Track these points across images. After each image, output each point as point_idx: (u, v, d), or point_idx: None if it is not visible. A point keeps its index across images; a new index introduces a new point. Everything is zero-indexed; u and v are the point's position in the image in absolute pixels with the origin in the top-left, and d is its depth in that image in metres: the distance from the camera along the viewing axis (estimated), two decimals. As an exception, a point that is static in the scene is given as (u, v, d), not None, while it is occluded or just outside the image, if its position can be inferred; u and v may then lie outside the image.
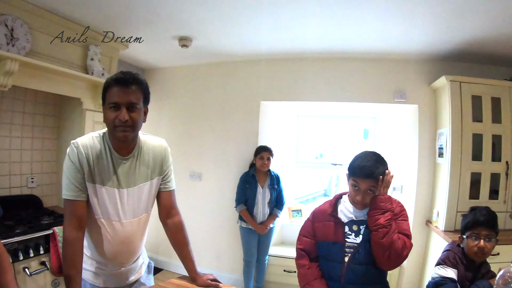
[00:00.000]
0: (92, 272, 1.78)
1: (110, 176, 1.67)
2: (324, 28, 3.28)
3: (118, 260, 1.79)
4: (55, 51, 3.09)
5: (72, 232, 1.59)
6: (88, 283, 1.77)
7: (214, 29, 3.38)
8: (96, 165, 1.64)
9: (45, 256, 2.72)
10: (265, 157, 3.90)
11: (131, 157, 1.75)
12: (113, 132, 1.62)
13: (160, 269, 4.74)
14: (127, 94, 1.60)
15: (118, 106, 1.58)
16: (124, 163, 1.72)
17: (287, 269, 4.11)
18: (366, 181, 1.85)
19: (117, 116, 1.58)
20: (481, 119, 3.51)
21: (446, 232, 3.38)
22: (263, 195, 3.94)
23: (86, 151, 1.63)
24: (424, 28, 3.16)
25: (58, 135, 3.64)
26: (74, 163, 1.60)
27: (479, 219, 1.95)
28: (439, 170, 3.82)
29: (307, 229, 2.12)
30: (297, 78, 4.27)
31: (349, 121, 5.08)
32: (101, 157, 1.66)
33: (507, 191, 3.52)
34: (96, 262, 1.77)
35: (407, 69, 4.04)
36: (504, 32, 3.10)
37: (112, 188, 1.68)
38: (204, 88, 4.63)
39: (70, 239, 1.58)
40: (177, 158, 4.69)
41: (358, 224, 1.94)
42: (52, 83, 3.01)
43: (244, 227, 3.96)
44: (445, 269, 1.92)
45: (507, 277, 1.49)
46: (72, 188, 1.60)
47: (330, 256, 1.97)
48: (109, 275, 1.80)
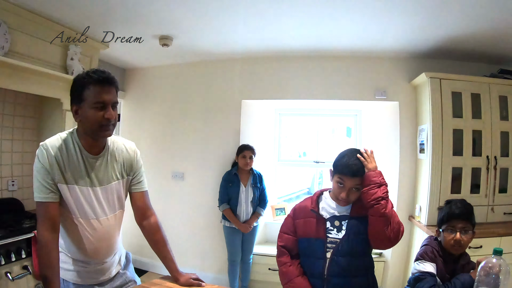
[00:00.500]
0: (74, 272, 1.77)
1: (83, 175, 1.69)
2: (303, 26, 3.30)
3: (99, 256, 1.80)
4: (34, 51, 3.03)
5: (46, 233, 1.59)
6: (71, 283, 1.77)
7: (194, 27, 3.37)
8: (67, 165, 1.65)
9: (28, 260, 2.68)
10: (248, 156, 3.89)
11: (101, 155, 1.76)
12: (98, 131, 1.64)
13: (144, 271, 4.69)
14: (111, 94, 1.64)
15: (105, 105, 1.61)
16: (95, 162, 1.73)
17: (272, 268, 4.12)
18: (352, 180, 1.85)
19: (104, 115, 1.60)
20: (461, 115, 3.57)
21: (429, 227, 3.42)
22: (246, 194, 3.94)
23: (56, 152, 1.63)
24: (403, 26, 3.20)
25: (38, 137, 3.56)
26: (44, 165, 1.60)
27: (454, 212, 1.96)
28: (420, 166, 3.87)
29: (288, 226, 2.11)
30: (278, 77, 4.28)
31: (331, 119, 5.11)
32: (72, 157, 1.67)
33: (488, 185, 3.59)
34: (78, 261, 1.77)
35: (388, 66, 4.09)
36: (482, 30, 3.16)
37: (86, 187, 1.70)
38: (186, 88, 4.62)
39: (44, 240, 1.58)
40: (159, 158, 4.70)
41: (340, 219, 1.93)
42: (31, 83, 2.95)
43: (228, 227, 3.95)
44: (423, 264, 1.93)
45: (488, 268, 1.51)
46: (44, 190, 1.60)
47: (311, 252, 1.97)
48: (91, 272, 1.81)
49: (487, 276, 1.50)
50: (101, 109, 1.60)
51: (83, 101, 1.61)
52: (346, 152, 1.98)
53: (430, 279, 1.85)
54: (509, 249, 3.05)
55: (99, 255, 1.80)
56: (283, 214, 4.69)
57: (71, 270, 1.77)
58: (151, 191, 4.63)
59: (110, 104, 1.62)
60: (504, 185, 3.66)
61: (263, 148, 4.65)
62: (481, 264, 1.54)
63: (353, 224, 1.90)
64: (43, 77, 3.03)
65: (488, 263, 1.52)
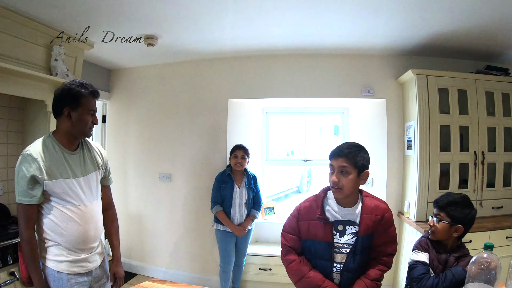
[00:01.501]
0: (68, 262, 1.97)
1: (65, 169, 1.97)
2: (290, 24, 3.29)
3: (88, 240, 2.05)
4: (17, 52, 2.96)
5: (29, 232, 1.88)
6: (64, 274, 1.96)
7: (179, 26, 3.33)
8: (50, 163, 1.90)
9: (15, 266, 2.63)
10: (239, 156, 3.80)
11: (78, 151, 2.10)
12: (86, 132, 2.07)
13: (134, 274, 4.65)
14: (96, 105, 2.11)
15: (94, 113, 2.07)
16: (74, 156, 2.05)
17: (262, 267, 4.11)
18: (338, 160, 1.90)
19: (92, 120, 2.06)
20: (448, 111, 3.60)
21: (418, 223, 3.45)
22: (240, 195, 3.83)
23: (37, 156, 1.87)
24: (390, 23, 3.21)
25: (23, 140, 3.49)
26: (29, 172, 1.82)
27: (436, 200, 2.17)
28: (408, 162, 3.89)
29: (292, 226, 2.09)
30: (265, 75, 4.27)
31: (319, 118, 5.13)
32: (53, 155, 1.94)
33: (476, 180, 3.63)
34: (71, 250, 1.99)
35: (374, 64, 4.12)
36: (468, 26, 3.19)
37: (70, 179, 1.97)
38: (172, 88, 4.58)
39: (29, 239, 1.87)
40: (146, 160, 4.67)
41: (343, 224, 1.97)
42: (15, 85, 2.88)
43: (221, 230, 3.82)
44: (417, 253, 2.08)
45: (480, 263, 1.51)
46: (28, 194, 1.84)
47: (316, 253, 2.01)
48: (82, 261, 2.03)
49: (478, 271, 1.51)
50: (92, 115, 2.04)
51: (80, 107, 1.97)
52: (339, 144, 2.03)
53: (421, 267, 2.00)
54: (498, 243, 3.09)
55: (88, 238, 2.05)
56: (271, 213, 4.68)
57: (64, 261, 1.96)
58: (139, 193, 4.66)
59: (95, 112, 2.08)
60: (492, 180, 3.71)
61: (251, 147, 4.61)
62: (473, 259, 1.55)
63: (360, 241, 1.95)
64: (27, 79, 2.96)
65: (480, 258, 1.52)
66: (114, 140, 4.85)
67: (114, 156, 4.83)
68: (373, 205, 1.98)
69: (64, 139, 2.00)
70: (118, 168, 4.80)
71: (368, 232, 1.94)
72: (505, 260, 1.64)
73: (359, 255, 1.94)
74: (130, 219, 4.74)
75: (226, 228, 3.78)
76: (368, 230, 1.93)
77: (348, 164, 1.88)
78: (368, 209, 1.96)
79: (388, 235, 2.02)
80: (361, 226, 1.93)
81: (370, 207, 1.97)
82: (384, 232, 1.99)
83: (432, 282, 1.90)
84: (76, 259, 2.00)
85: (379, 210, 1.97)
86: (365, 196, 2.03)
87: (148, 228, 4.66)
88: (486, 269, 1.50)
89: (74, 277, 1.99)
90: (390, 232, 2.03)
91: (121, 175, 4.79)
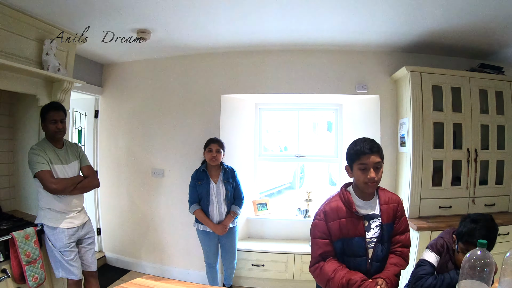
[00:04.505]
0: (60, 220, 2.85)
1: (56, 159, 2.87)
2: (284, 20, 3.27)
3: (75, 201, 2.98)
4: (7, 46, 2.89)
5: (55, 179, 2.77)
6: (59, 228, 2.84)
7: (172, 20, 3.30)
8: (48, 154, 2.82)
9: (6, 263, 2.60)
10: (214, 149, 3.62)
11: (63, 148, 3.01)
12: (58, 134, 2.93)
13: (127, 270, 4.64)
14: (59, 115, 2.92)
15: (56, 122, 2.89)
16: (60, 151, 2.96)
17: (255, 263, 4.12)
18: (373, 156, 1.96)
19: (57, 126, 2.89)
20: (441, 108, 3.61)
21: (410, 219, 3.44)
22: (217, 191, 3.63)
23: (42, 151, 2.79)
24: (384, 20, 3.21)
25: (13, 135, 3.47)
26: (40, 153, 2.76)
27: (474, 242, 1.71)
28: (401, 159, 3.90)
29: (322, 230, 2.07)
30: (258, 71, 4.25)
31: (312, 114, 5.12)
32: (49, 150, 2.86)
33: (469, 177, 3.64)
34: (62, 213, 2.87)
35: (368, 60, 4.11)
36: (462, 24, 3.19)
37: (59, 165, 2.88)
38: (165, 83, 4.54)
39: (57, 181, 2.78)
40: (138, 155, 4.65)
41: (368, 219, 2.05)
42: (5, 80, 2.85)
43: (201, 230, 3.68)
44: (428, 253, 2.09)
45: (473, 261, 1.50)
46: (44, 164, 2.73)
47: (351, 251, 2.03)
48: (72, 218, 2.92)
49: (471, 268, 1.50)
50: (54, 123, 2.87)
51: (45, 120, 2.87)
52: (356, 141, 2.07)
53: (427, 267, 2.02)
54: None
55: (75, 203, 2.98)
56: (264, 209, 4.67)
57: (58, 219, 2.84)
58: (132, 189, 4.63)
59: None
60: (485, 177, 3.72)
61: (244, 143, 4.63)
62: (466, 256, 1.54)
63: (386, 230, 2.04)
64: (18, 73, 2.93)
65: (473, 256, 1.51)
66: (106, 135, 4.81)
67: (106, 151, 4.81)
68: (388, 196, 2.12)
69: (51, 140, 2.93)
70: (110, 162, 4.78)
71: (390, 221, 2.06)
72: (499, 257, 1.63)
73: (386, 242, 2.04)
74: (122, 214, 4.72)
75: (207, 228, 3.63)
76: (389, 218, 2.06)
77: (380, 159, 1.99)
78: (385, 199, 2.09)
79: (402, 223, 2.12)
80: (383, 215, 2.05)
81: (386, 198, 2.10)
82: (400, 220, 2.11)
83: (430, 283, 1.91)
84: (67, 217, 2.88)
85: (394, 200, 2.12)
86: (378, 189, 2.16)
87: (141, 224, 4.64)
88: (480, 266, 1.49)
89: (67, 230, 2.87)
90: (403, 220, 2.13)
91: (113, 170, 4.77)
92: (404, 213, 2.15)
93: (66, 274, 2.83)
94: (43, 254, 2.86)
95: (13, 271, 2.60)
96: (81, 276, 2.94)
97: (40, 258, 2.75)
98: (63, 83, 3.21)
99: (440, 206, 3.61)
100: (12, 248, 2.60)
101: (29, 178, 3.24)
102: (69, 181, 2.88)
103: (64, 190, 2.80)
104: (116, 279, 4.33)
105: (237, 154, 4.45)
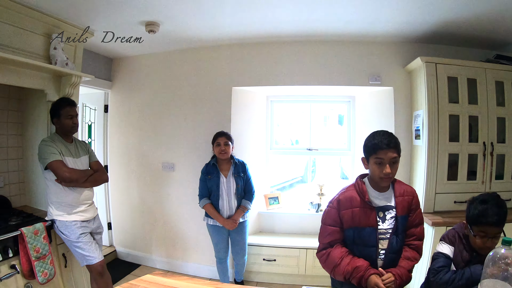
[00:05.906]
0: (73, 214, 2.91)
1: (67, 153, 2.92)
2: (296, 9, 3.19)
3: (86, 197, 3.02)
4: (15, 41, 2.87)
5: (67, 168, 2.80)
6: (72, 221, 2.89)
7: (180, 12, 3.23)
8: (59, 147, 2.86)
9: (15, 259, 2.60)
10: (222, 143, 3.59)
11: (73, 143, 3.07)
12: (73, 129, 3.02)
13: (138, 265, 4.65)
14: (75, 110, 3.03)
15: (72, 117, 2.99)
16: (71, 145, 3.02)
17: (266, 258, 4.09)
18: (389, 151, 1.96)
19: (73, 121, 2.99)
20: (457, 100, 3.51)
21: (425, 214, 3.37)
22: (227, 185, 3.60)
23: (52, 143, 2.85)
24: (397, 9, 3.12)
25: (23, 131, 3.47)
26: (52, 145, 2.81)
27: (488, 220, 1.83)
28: (416, 152, 3.82)
29: (333, 217, 2.13)
30: (269, 62, 4.18)
31: (324, 106, 5.05)
32: (59, 144, 2.90)
33: (485, 171, 3.55)
34: (74, 206, 2.92)
35: (382, 51, 4.03)
36: (477, 14, 3.10)
37: (70, 158, 2.92)
38: (174, 76, 4.50)
39: (70, 170, 2.82)
40: (149, 149, 4.62)
41: (383, 210, 2.09)
42: (14, 75, 2.82)
43: (211, 225, 3.65)
44: (442, 245, 2.05)
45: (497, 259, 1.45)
46: (56, 155, 2.77)
47: (361, 241, 2.07)
48: (84, 212, 2.98)
49: (495, 267, 1.45)
50: (71, 119, 2.96)
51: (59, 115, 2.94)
52: (373, 134, 2.08)
53: (443, 260, 1.98)
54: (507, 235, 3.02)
55: (86, 196, 3.03)
56: (276, 203, 4.64)
57: (69, 212, 2.89)
58: (142, 183, 4.62)
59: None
60: (501, 172, 3.63)
61: (255, 136, 4.58)
62: (490, 254, 1.49)
63: (400, 222, 2.07)
64: (26, 68, 2.90)
65: (497, 254, 1.46)
66: (116, 130, 4.80)
67: (116, 146, 4.81)
68: (403, 189, 2.14)
69: (62, 135, 2.99)
70: (121, 157, 4.78)
71: (404, 213, 2.08)
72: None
73: (401, 234, 2.07)
74: (133, 209, 4.72)
75: (217, 222, 3.60)
76: (404, 210, 2.08)
77: (397, 154, 1.99)
78: (400, 192, 2.11)
79: (417, 216, 2.14)
80: (398, 207, 2.08)
81: (401, 190, 2.12)
82: (415, 213, 2.13)
83: (448, 278, 1.86)
84: (79, 211, 2.94)
85: (409, 192, 2.13)
86: (394, 181, 2.17)
87: (151, 219, 4.64)
88: (504, 265, 1.44)
89: (79, 222, 2.93)
90: (418, 213, 2.15)
91: (123, 164, 4.77)
92: (419, 206, 2.16)
93: (87, 260, 2.87)
94: (53, 249, 2.87)
95: (23, 267, 2.60)
96: (101, 257, 2.96)
97: (49, 253, 2.75)
98: (71, 78, 3.19)
99: (456, 201, 3.53)
100: (21, 244, 2.60)
101: (38, 173, 3.25)
102: (81, 172, 2.93)
103: (78, 180, 2.84)
104: (127, 273, 4.34)
105: (248, 147, 4.41)
